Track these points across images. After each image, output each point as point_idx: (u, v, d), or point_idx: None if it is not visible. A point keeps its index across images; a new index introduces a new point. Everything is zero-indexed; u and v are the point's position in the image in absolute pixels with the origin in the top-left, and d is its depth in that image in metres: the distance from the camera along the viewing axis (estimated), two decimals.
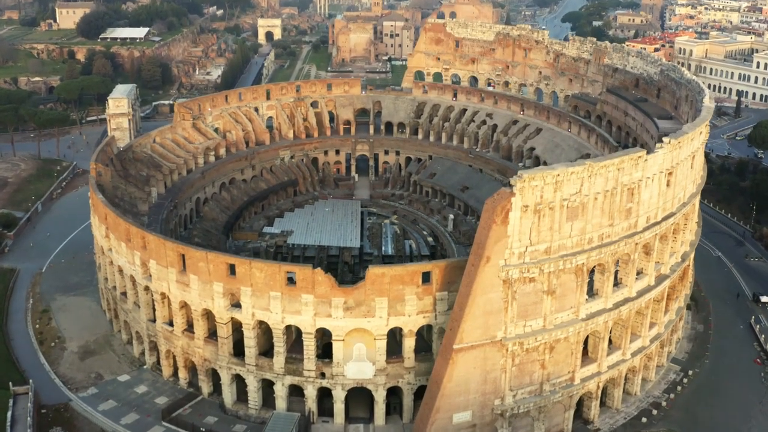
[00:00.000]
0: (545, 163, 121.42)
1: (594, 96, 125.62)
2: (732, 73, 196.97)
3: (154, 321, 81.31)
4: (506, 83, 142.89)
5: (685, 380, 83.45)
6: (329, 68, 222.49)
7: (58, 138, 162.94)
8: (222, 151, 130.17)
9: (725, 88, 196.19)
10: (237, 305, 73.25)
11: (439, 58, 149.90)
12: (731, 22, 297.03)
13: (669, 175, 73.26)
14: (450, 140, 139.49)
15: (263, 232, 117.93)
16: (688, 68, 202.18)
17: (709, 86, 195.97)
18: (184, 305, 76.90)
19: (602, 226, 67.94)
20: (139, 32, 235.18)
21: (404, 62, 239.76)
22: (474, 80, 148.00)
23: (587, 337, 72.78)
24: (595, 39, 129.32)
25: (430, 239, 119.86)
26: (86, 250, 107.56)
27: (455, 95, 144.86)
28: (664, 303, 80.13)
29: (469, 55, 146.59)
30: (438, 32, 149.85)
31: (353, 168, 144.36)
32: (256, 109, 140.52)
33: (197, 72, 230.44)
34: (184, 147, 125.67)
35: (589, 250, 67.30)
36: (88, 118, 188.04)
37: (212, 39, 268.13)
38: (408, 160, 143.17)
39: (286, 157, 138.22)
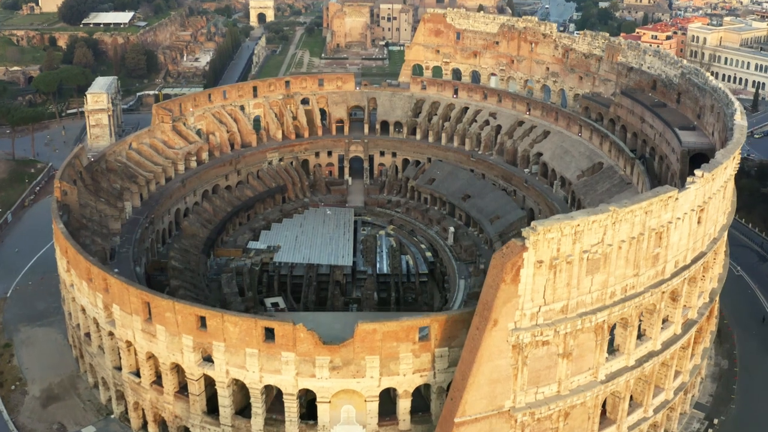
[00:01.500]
0: (553, 171, 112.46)
1: (606, 96, 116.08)
2: (748, 62, 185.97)
3: (119, 369, 72.84)
4: (511, 79, 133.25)
5: (710, 431, 75.26)
6: (323, 54, 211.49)
7: (32, 136, 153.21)
8: (205, 156, 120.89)
9: (741, 78, 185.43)
10: (210, 359, 64.80)
11: (438, 51, 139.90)
12: (741, 2, 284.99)
13: (700, 211, 64.31)
14: (450, 141, 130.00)
15: (248, 248, 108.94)
16: (702, 57, 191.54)
17: (723, 77, 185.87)
18: (152, 356, 68.36)
19: (626, 276, 59.16)
20: (124, 17, 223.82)
21: (402, 47, 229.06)
22: (476, 75, 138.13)
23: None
24: (607, 34, 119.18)
25: (428, 254, 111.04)
26: (56, 269, 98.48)
27: (456, 92, 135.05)
28: (690, 349, 71.55)
29: (471, 48, 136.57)
30: (437, 23, 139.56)
31: (346, 170, 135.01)
32: (242, 108, 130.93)
33: (185, 58, 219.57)
34: (163, 152, 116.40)
35: (611, 305, 58.58)
36: (68, 111, 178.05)
37: (202, 21, 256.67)
38: (405, 162, 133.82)
39: (274, 160, 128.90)
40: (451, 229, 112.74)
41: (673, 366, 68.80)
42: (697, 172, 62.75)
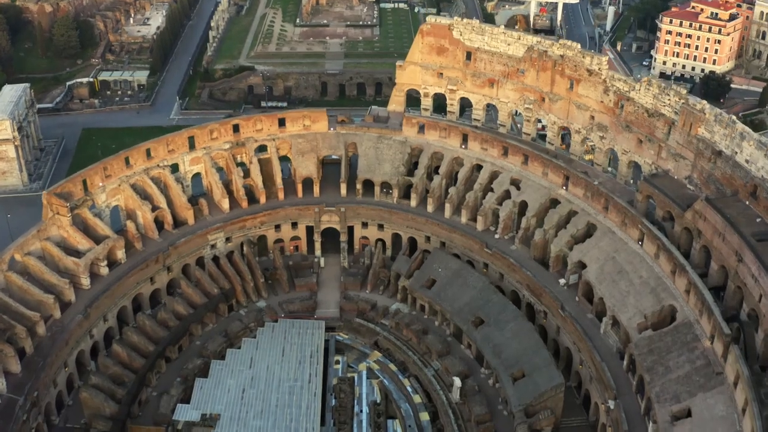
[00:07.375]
0: (601, 300, 79.77)
1: (678, 178, 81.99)
2: None
3: None
4: (540, 122, 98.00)
5: None
6: (298, 20, 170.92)
7: None
8: (120, 254, 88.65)
9: None
10: None
11: (441, 74, 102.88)
12: None
13: None
14: (457, 213, 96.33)
15: (174, 420, 78.12)
16: None
17: None
18: None
19: None
20: None
21: (396, 5, 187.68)
22: (493, 111, 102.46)
23: None
24: (684, 92, 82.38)
25: (424, 417, 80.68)
26: None
27: (465, 141, 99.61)
28: None
29: (486, 73, 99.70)
30: (440, 37, 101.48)
31: (317, 246, 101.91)
32: (175, 168, 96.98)
33: (132, 20, 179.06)
34: (60, 262, 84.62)
35: None
36: None
37: None
38: (395, 237, 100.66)
39: (218, 243, 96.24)
40: (458, 381, 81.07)
41: None
42: None
